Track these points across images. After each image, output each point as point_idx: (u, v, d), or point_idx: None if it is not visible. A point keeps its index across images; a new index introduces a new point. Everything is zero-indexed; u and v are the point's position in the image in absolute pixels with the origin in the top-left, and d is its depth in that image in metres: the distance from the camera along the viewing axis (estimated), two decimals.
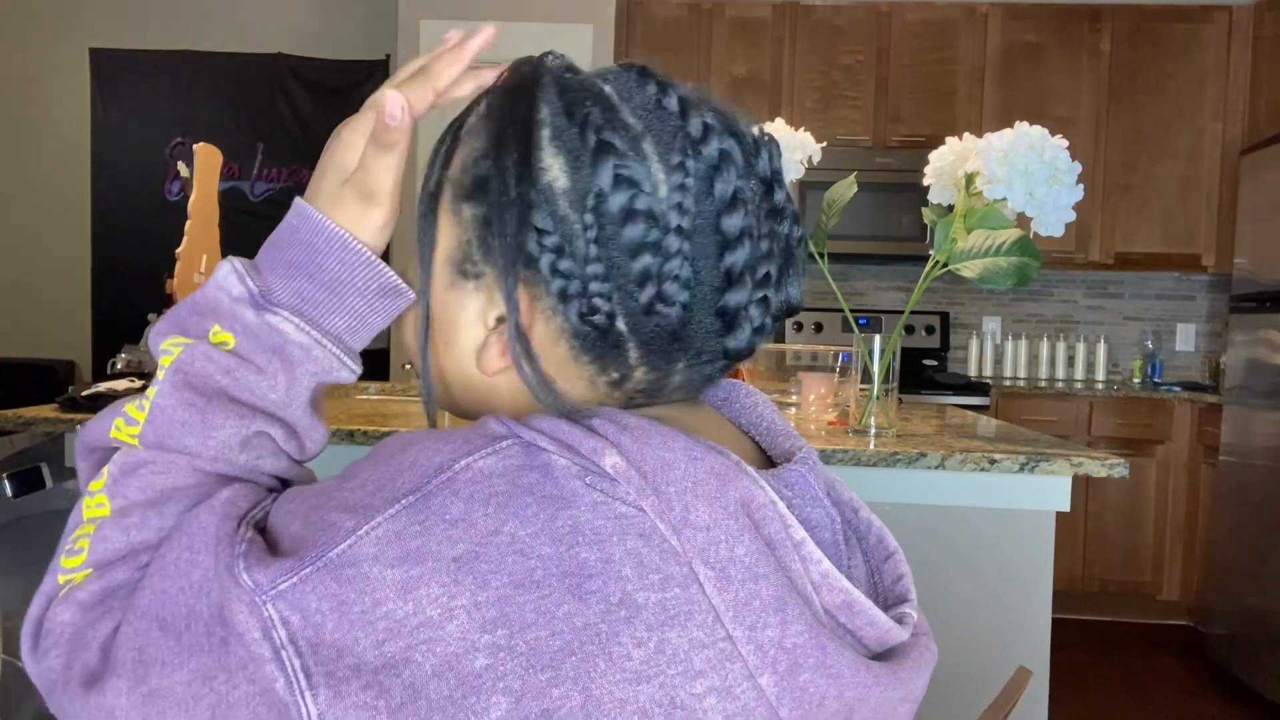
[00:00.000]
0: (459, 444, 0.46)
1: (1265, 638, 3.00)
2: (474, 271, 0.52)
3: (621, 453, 0.45)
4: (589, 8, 3.69)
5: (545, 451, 0.45)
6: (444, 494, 0.44)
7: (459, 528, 0.43)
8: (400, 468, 0.45)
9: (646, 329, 0.50)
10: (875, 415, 1.58)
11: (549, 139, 0.49)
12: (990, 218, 1.37)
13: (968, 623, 1.51)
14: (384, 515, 0.43)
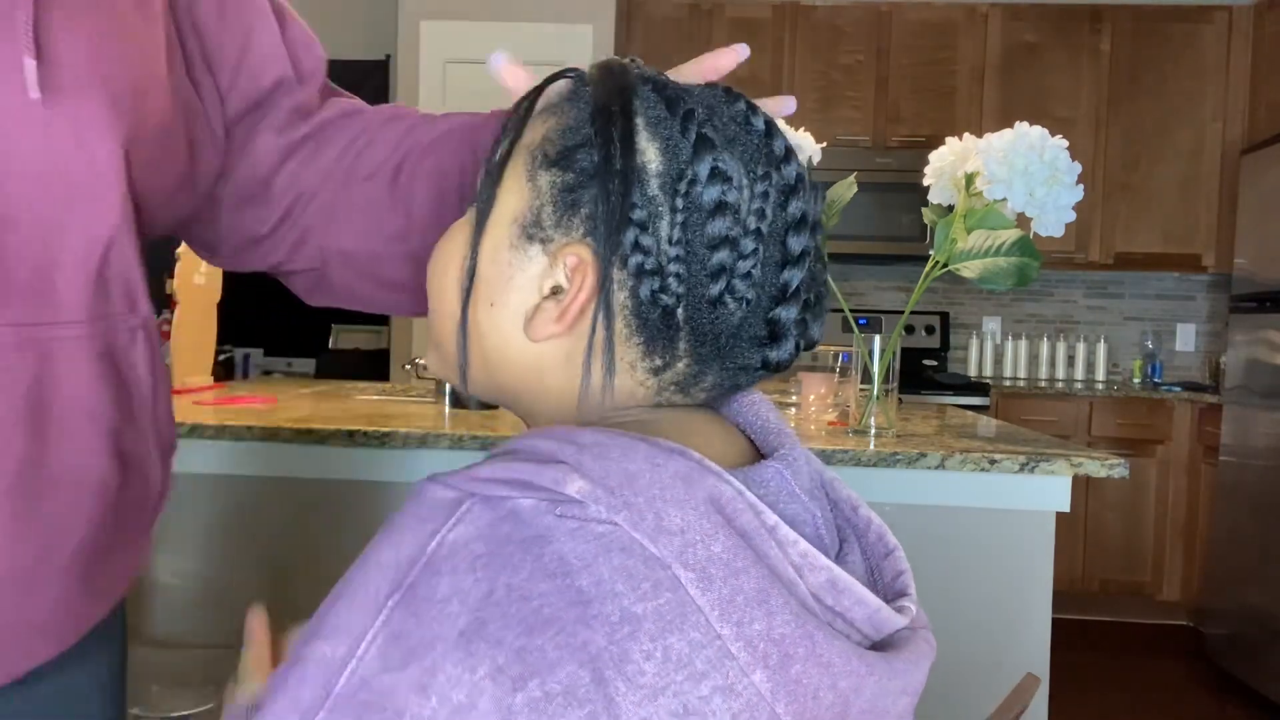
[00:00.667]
0: (417, 527, 0.45)
1: (1265, 638, 3.00)
2: (541, 236, 0.52)
3: (583, 474, 0.44)
4: (589, 8, 3.69)
5: (507, 499, 0.44)
6: (427, 578, 0.43)
7: (454, 602, 0.42)
8: (369, 575, 0.45)
9: (705, 322, 0.52)
10: (875, 415, 1.58)
11: (644, 125, 0.52)
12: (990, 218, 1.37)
13: (968, 623, 1.51)
14: (374, 626, 0.43)
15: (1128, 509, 3.68)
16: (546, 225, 0.52)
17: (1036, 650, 1.52)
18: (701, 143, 0.51)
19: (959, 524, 1.52)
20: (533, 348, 0.53)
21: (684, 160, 0.51)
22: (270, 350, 4.33)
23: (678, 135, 0.51)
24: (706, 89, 0.55)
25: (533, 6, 3.70)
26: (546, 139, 0.53)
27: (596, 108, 0.52)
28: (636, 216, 0.50)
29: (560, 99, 0.55)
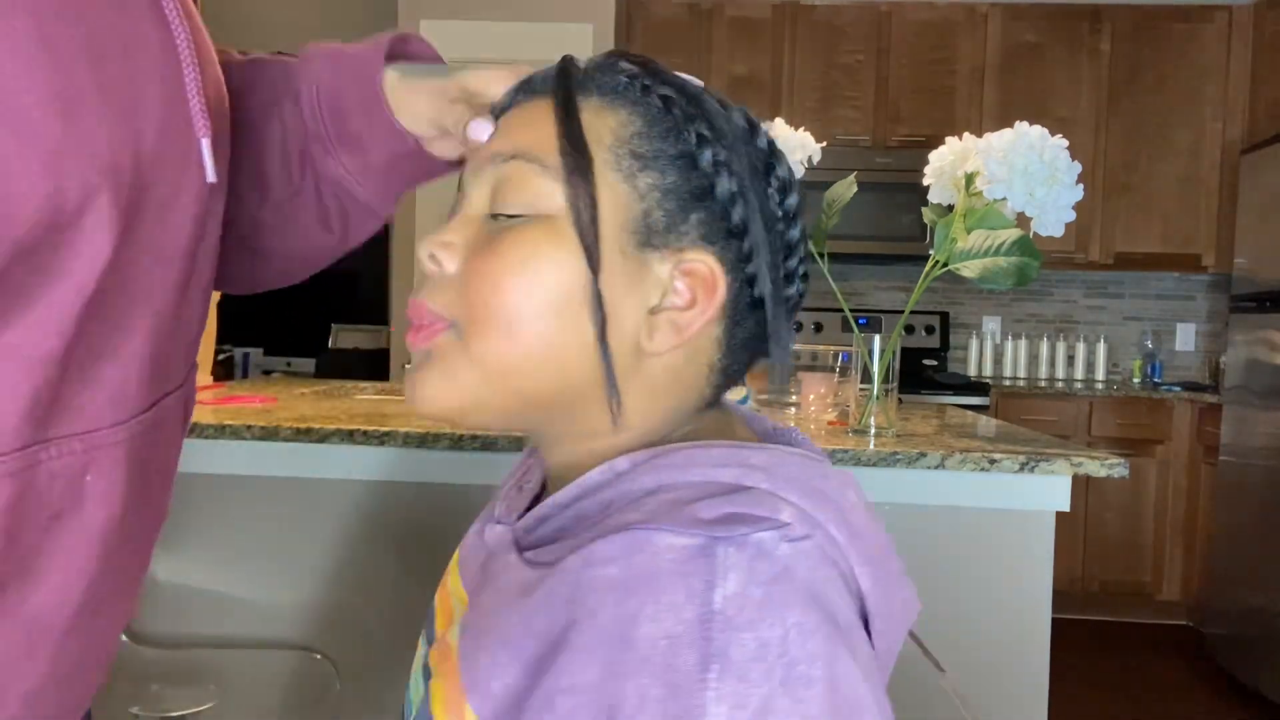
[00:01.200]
0: (678, 585, 0.41)
1: (1265, 638, 3.00)
2: (655, 243, 0.50)
3: (783, 498, 0.45)
4: (589, 7, 3.69)
5: (747, 535, 0.43)
6: (735, 639, 0.40)
7: (767, 656, 0.40)
8: (657, 653, 0.40)
9: (777, 320, 0.53)
10: (875, 415, 1.58)
11: (718, 132, 0.52)
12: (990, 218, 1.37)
13: (967, 623, 1.51)
14: (710, 700, 0.39)
15: (1128, 509, 3.68)
16: (657, 231, 0.50)
17: (1036, 650, 1.52)
18: (774, 151, 0.53)
19: (959, 524, 1.52)
20: (634, 365, 0.51)
21: (765, 166, 0.53)
22: (270, 350, 4.33)
23: (748, 140, 0.53)
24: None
25: (532, 6, 3.70)
26: (623, 139, 0.50)
27: (681, 107, 0.51)
28: (752, 218, 0.51)
29: (614, 91, 0.52)
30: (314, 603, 1.57)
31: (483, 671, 0.45)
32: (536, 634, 0.44)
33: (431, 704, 0.49)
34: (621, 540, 0.43)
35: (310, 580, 1.57)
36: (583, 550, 0.44)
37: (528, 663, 0.43)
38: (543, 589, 0.45)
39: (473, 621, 0.49)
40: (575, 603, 0.43)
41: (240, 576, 1.58)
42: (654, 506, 0.46)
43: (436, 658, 0.52)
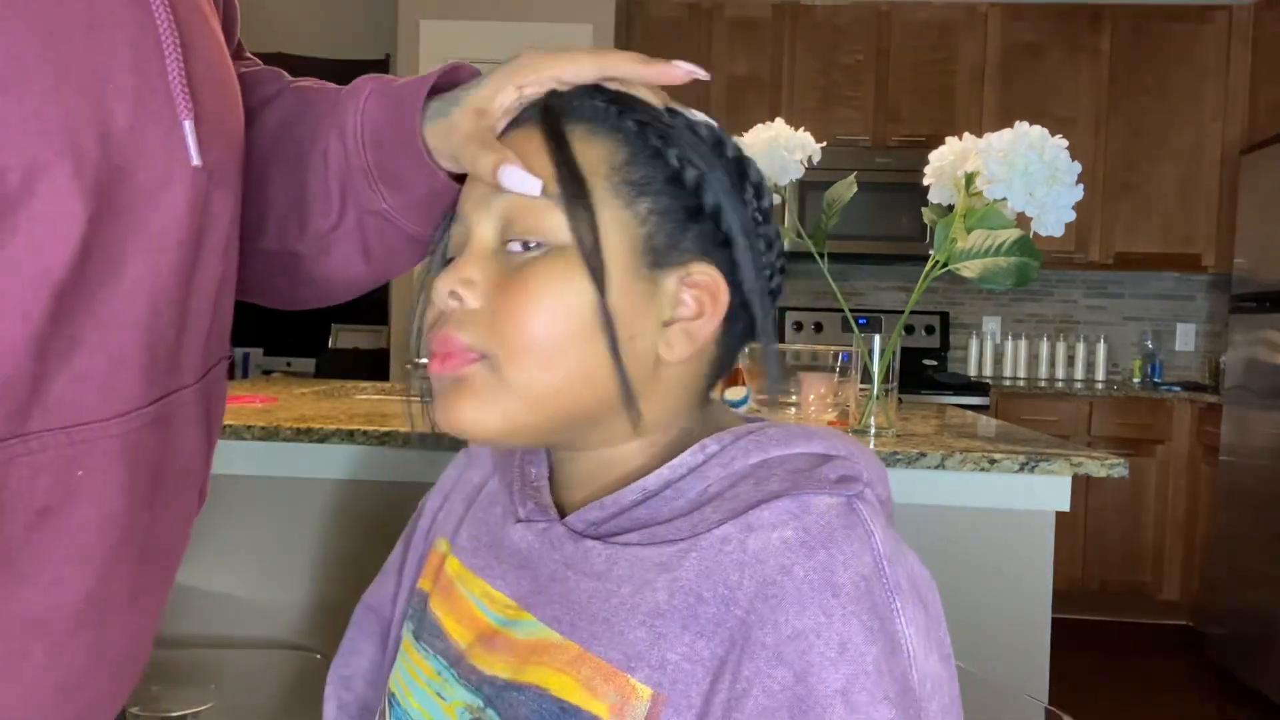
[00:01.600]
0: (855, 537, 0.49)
1: (1265, 638, 3.00)
2: (661, 262, 0.54)
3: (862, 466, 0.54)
4: (589, 8, 3.69)
5: (863, 492, 0.51)
6: (896, 573, 0.49)
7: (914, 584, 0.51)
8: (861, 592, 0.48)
9: (761, 320, 0.58)
10: (875, 415, 1.58)
11: (690, 145, 0.56)
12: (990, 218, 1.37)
13: (967, 622, 1.51)
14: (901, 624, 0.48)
15: (1128, 509, 3.68)
16: (662, 250, 0.54)
17: (1036, 650, 1.51)
18: (743, 157, 0.57)
19: (959, 524, 1.52)
20: (655, 377, 0.55)
21: (738, 173, 0.57)
22: (270, 350, 4.33)
23: (723, 153, 0.56)
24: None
25: (532, 6, 3.70)
26: (615, 167, 0.53)
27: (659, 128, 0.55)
28: (739, 227, 0.55)
29: (602, 121, 0.54)
30: (314, 603, 1.57)
31: (642, 646, 0.49)
32: (709, 600, 0.49)
33: (559, 695, 0.50)
34: (784, 506, 0.50)
35: (310, 580, 1.57)
36: (739, 520, 0.50)
37: (706, 627, 0.48)
38: (692, 560, 0.50)
39: (575, 612, 0.52)
40: (754, 565, 0.48)
41: (240, 576, 1.58)
42: (785, 475, 0.52)
43: (516, 660, 0.53)
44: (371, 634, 0.75)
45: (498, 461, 0.67)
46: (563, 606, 0.53)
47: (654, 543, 0.52)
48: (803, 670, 0.46)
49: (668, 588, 0.50)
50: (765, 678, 0.46)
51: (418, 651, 0.61)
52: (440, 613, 0.60)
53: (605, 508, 0.55)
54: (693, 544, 0.50)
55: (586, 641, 0.51)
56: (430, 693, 0.58)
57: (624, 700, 0.49)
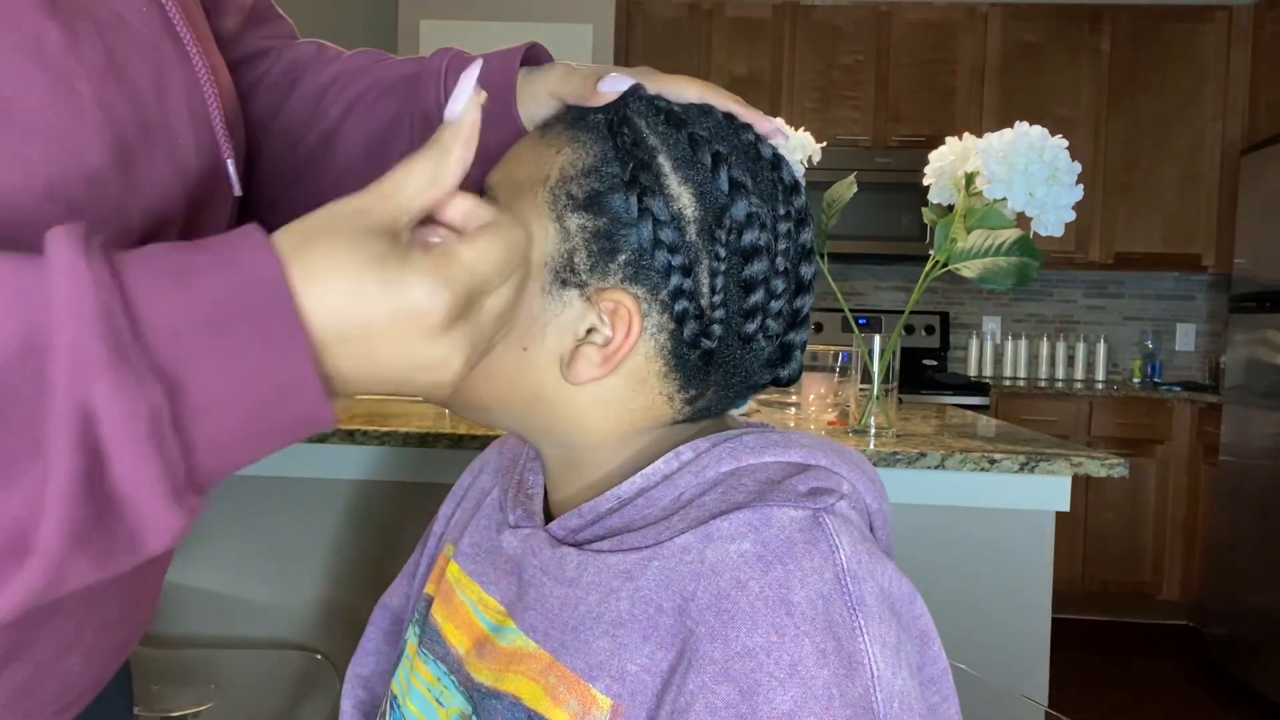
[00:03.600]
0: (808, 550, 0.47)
1: (1265, 638, 3.00)
2: (576, 281, 0.51)
3: (844, 476, 0.52)
4: (589, 8, 3.69)
5: (834, 505, 0.50)
6: (862, 589, 0.47)
7: (886, 599, 0.48)
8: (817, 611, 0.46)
9: (736, 357, 0.54)
10: (875, 415, 1.58)
11: (672, 168, 0.52)
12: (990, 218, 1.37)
13: (967, 622, 1.51)
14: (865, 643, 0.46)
15: (1128, 509, 3.67)
16: (581, 270, 0.51)
17: (1036, 650, 1.52)
18: (735, 188, 0.51)
19: (959, 524, 1.52)
20: (568, 388, 0.53)
21: (719, 206, 0.51)
22: None
23: (709, 179, 0.51)
24: (710, 119, 0.54)
25: (532, 6, 3.70)
26: (568, 177, 0.52)
27: (623, 147, 0.52)
28: (678, 263, 0.50)
29: (569, 132, 0.54)
30: (315, 603, 1.57)
31: (603, 656, 0.48)
32: (668, 610, 0.48)
33: (529, 704, 0.50)
34: (744, 517, 0.48)
35: (310, 580, 1.57)
36: (700, 530, 0.49)
37: (664, 638, 0.47)
38: (654, 569, 0.49)
39: (548, 619, 0.52)
40: (710, 576, 0.47)
41: (240, 576, 1.58)
42: (753, 486, 0.51)
43: (498, 667, 0.53)
44: (388, 634, 0.76)
45: (502, 467, 0.68)
46: (539, 614, 0.53)
47: (621, 550, 0.51)
48: (749, 689, 0.44)
49: (630, 596, 0.49)
50: (709, 693, 0.45)
51: (419, 656, 0.61)
52: (440, 618, 0.61)
53: (583, 515, 0.54)
54: (655, 552, 0.50)
55: (556, 650, 0.51)
56: (429, 698, 0.58)
57: (585, 710, 0.48)
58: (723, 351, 0.53)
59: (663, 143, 0.52)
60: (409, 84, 0.66)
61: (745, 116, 0.55)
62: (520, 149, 0.55)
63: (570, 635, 0.50)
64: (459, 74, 0.62)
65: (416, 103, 0.65)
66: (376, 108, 0.66)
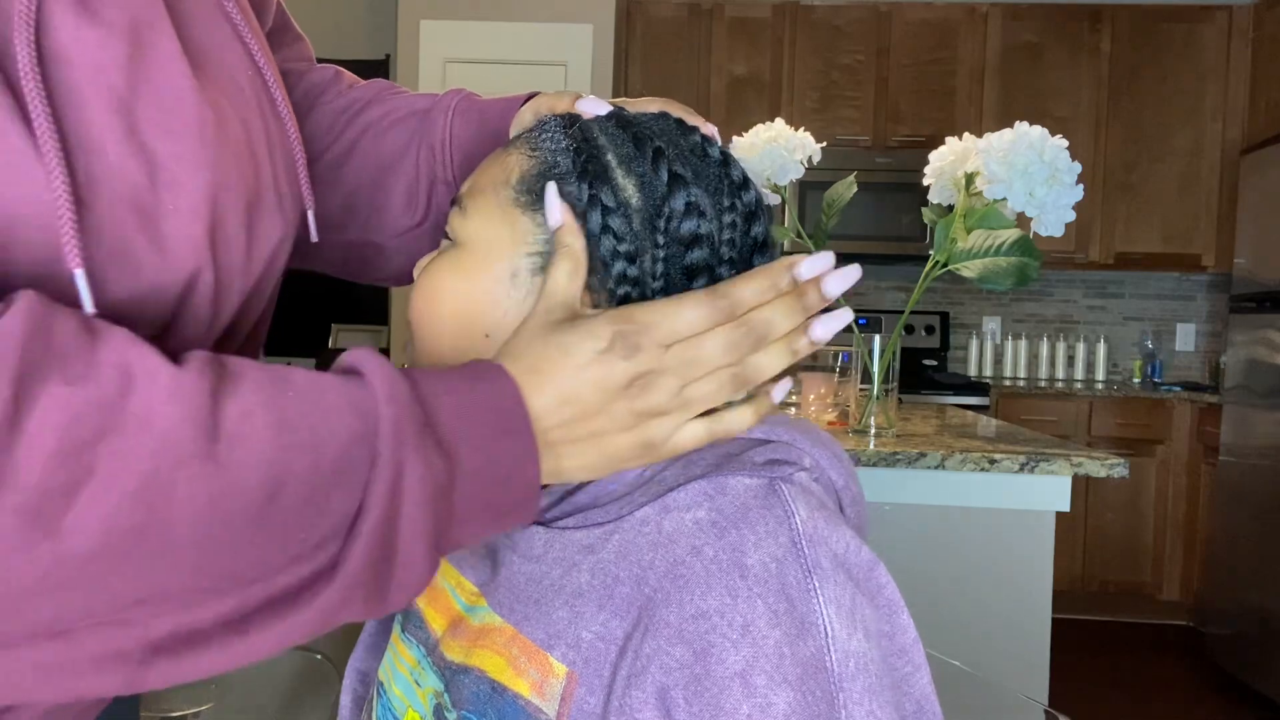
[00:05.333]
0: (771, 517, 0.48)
1: (1265, 638, 3.00)
2: (536, 269, 0.54)
3: (805, 451, 0.54)
4: (589, 8, 3.69)
5: (792, 475, 0.51)
6: (818, 553, 0.48)
7: (844, 564, 0.49)
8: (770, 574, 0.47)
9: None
10: (875, 415, 1.58)
11: (618, 163, 0.54)
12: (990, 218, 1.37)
13: (968, 622, 1.51)
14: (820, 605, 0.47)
15: (1128, 509, 3.68)
16: (538, 260, 0.54)
17: (1036, 650, 1.52)
18: (674, 179, 0.54)
19: (959, 524, 1.52)
20: None
21: (660, 196, 0.54)
22: (270, 350, 4.32)
23: (650, 172, 0.54)
24: (661, 121, 0.58)
25: (532, 6, 3.70)
26: (526, 175, 0.55)
27: (574, 145, 0.55)
28: (624, 250, 0.53)
29: (528, 136, 0.57)
30: None
31: (562, 625, 0.50)
32: (625, 579, 0.49)
33: (493, 676, 0.52)
34: (699, 487, 0.50)
35: None
36: (658, 502, 0.50)
37: (620, 606, 0.49)
38: (614, 542, 0.50)
39: (513, 594, 0.54)
40: (667, 545, 0.49)
41: None
42: (711, 459, 0.53)
43: (468, 643, 0.55)
44: (384, 625, 0.77)
45: None
46: (507, 590, 0.54)
47: (585, 526, 0.53)
48: (703, 650, 0.45)
49: (590, 569, 0.51)
50: (664, 655, 0.46)
51: (403, 641, 0.63)
52: (422, 603, 0.62)
53: (553, 493, 0.56)
54: (616, 526, 0.51)
55: (519, 622, 0.52)
56: (410, 680, 0.60)
57: (543, 678, 0.50)
58: None
59: (611, 141, 0.55)
60: (420, 118, 0.71)
61: (692, 121, 0.59)
62: (487, 160, 0.59)
63: (532, 608, 0.52)
64: (467, 114, 0.69)
65: (425, 136, 0.70)
66: (387, 136, 0.71)
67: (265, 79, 0.57)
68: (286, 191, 0.57)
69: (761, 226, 0.57)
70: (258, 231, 0.53)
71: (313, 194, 0.61)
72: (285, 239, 0.57)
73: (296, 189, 0.59)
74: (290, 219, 0.58)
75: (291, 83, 0.74)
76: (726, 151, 0.58)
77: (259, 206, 0.53)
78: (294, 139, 0.59)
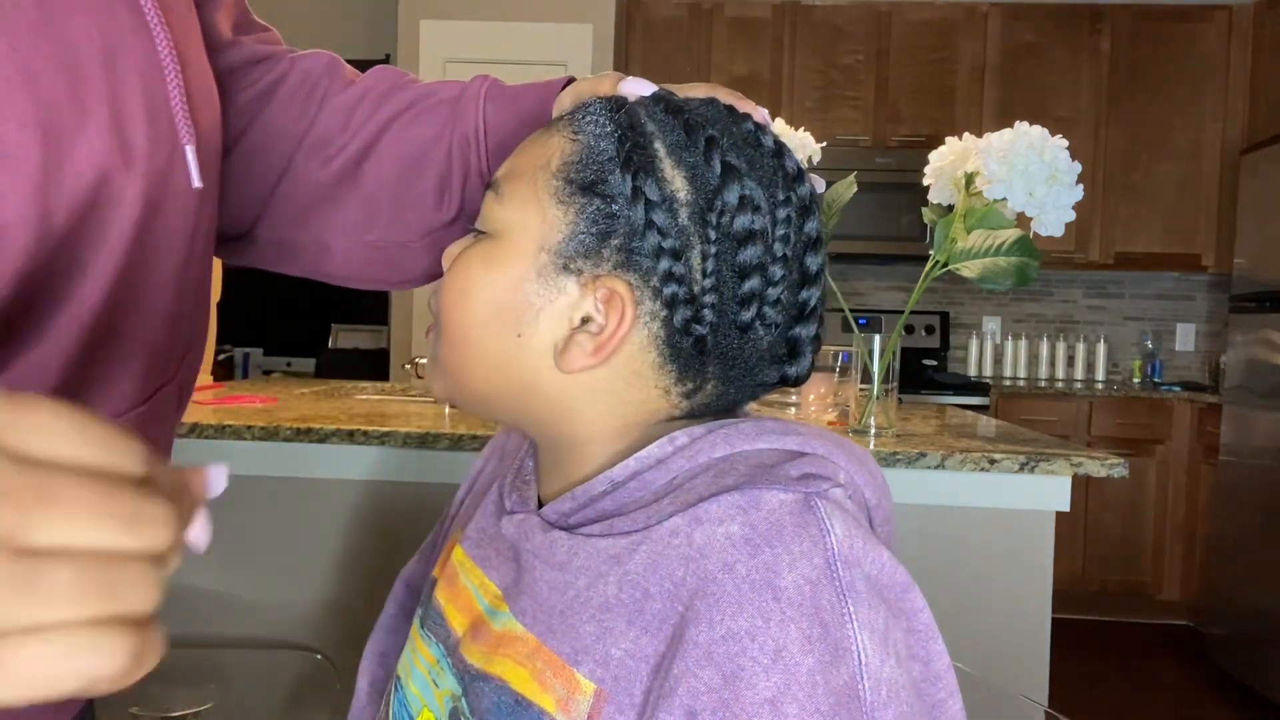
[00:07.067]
0: (798, 534, 0.46)
1: (1265, 638, 3.00)
2: (573, 266, 0.51)
3: (840, 466, 0.51)
4: (589, 8, 3.69)
5: (828, 491, 0.48)
6: (853, 576, 0.46)
7: (877, 586, 0.47)
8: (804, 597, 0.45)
9: (734, 347, 0.53)
10: (875, 415, 1.58)
11: (666, 152, 0.51)
12: (990, 218, 1.37)
13: (967, 622, 1.51)
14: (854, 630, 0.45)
15: (1128, 509, 3.68)
16: (576, 255, 0.51)
17: (1036, 650, 1.52)
18: (728, 171, 0.51)
19: (959, 524, 1.52)
20: (561, 377, 0.53)
21: (711, 189, 0.51)
22: (270, 350, 4.33)
23: (702, 163, 0.51)
24: (711, 108, 0.54)
25: (532, 6, 3.70)
26: (567, 162, 0.52)
27: (620, 132, 0.52)
28: (669, 246, 0.50)
29: (571, 118, 0.54)
30: (314, 603, 1.57)
31: (589, 640, 0.48)
32: (655, 595, 0.47)
33: (516, 688, 0.50)
34: (732, 499, 0.47)
35: (310, 580, 1.57)
36: (689, 512, 0.48)
37: (650, 623, 0.47)
38: (643, 553, 0.48)
39: (537, 603, 0.52)
40: (698, 560, 0.46)
41: (240, 576, 1.58)
42: (745, 470, 0.50)
43: (488, 649, 0.53)
44: (404, 607, 0.76)
45: (506, 454, 0.68)
46: (530, 598, 0.52)
47: (611, 534, 0.51)
48: (732, 674, 0.43)
49: (618, 581, 0.48)
50: (691, 677, 0.44)
51: (421, 638, 0.61)
52: (443, 600, 0.61)
53: (576, 498, 0.54)
54: (645, 536, 0.49)
55: (544, 634, 0.50)
56: (428, 679, 0.59)
57: (569, 695, 0.48)
58: (718, 341, 0.52)
59: (660, 129, 0.52)
60: (451, 107, 0.67)
61: (743, 108, 0.56)
62: (526, 141, 0.56)
63: (557, 619, 0.50)
64: (497, 101, 0.65)
65: (457, 125, 0.66)
66: (414, 126, 0.67)
67: None
68: (140, 115, 0.47)
69: (815, 223, 0.54)
70: (68, 145, 0.43)
71: (192, 129, 0.51)
72: (120, 167, 0.46)
73: (164, 118, 0.49)
74: (141, 147, 0.47)
75: (283, 68, 0.69)
76: (780, 141, 0.55)
77: (73, 116, 0.43)
78: (166, 56, 0.49)
